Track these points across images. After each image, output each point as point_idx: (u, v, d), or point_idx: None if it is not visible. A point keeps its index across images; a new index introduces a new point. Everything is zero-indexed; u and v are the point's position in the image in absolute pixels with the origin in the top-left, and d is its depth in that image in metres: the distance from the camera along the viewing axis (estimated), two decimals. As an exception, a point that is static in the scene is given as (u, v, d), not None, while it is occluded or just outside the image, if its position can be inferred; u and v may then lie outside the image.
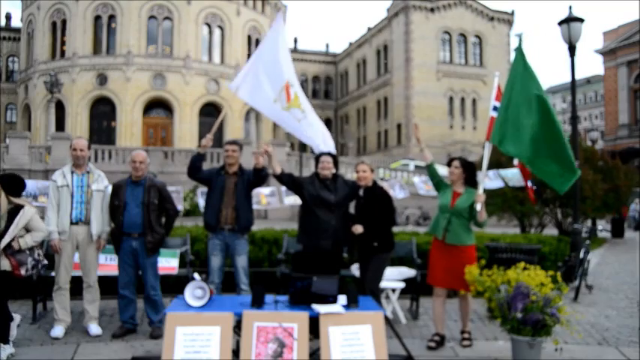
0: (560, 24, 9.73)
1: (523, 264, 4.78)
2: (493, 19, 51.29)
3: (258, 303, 3.96)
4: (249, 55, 39.70)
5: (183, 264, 6.38)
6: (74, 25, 38.37)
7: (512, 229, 13.04)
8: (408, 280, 6.26)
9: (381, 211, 5.11)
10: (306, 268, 4.67)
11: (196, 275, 4.13)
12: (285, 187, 5.61)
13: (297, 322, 3.75)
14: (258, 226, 6.88)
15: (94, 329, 5.21)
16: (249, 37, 41.77)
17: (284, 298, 4.16)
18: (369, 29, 57.22)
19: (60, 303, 5.20)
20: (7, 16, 52.09)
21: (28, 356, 4.59)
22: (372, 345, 3.78)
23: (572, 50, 9.60)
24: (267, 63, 5.86)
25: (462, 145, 45.21)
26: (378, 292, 5.20)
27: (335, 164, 5.31)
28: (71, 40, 38.50)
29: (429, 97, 48.25)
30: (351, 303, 4.02)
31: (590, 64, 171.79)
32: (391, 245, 5.26)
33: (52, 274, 5.39)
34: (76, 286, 5.39)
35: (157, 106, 38.76)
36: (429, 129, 44.60)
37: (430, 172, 5.39)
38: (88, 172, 5.33)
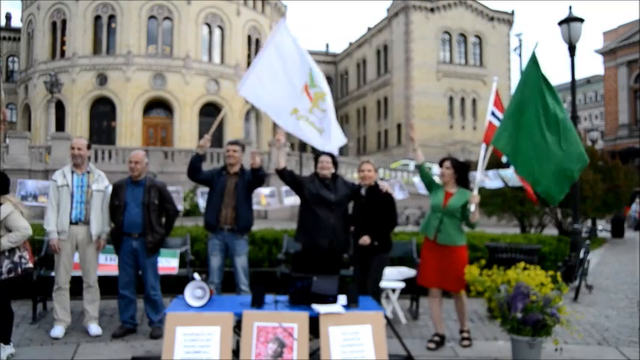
0: (560, 24, 9.74)
1: (523, 264, 4.78)
2: (493, 19, 51.27)
3: (258, 303, 3.96)
4: (249, 56, 39.88)
5: (183, 264, 6.38)
6: (74, 25, 38.35)
7: (512, 229, 13.03)
8: (408, 280, 6.26)
9: (383, 212, 5.12)
10: (306, 268, 4.68)
11: (196, 275, 4.13)
12: (286, 187, 5.61)
13: (297, 322, 3.75)
14: (258, 226, 6.88)
15: (94, 329, 5.21)
16: (249, 37, 41.74)
17: (284, 298, 4.16)
18: (369, 29, 57.18)
19: (60, 303, 5.19)
20: (7, 16, 52.10)
21: (28, 356, 4.59)
22: (372, 345, 3.78)
23: (572, 50, 9.61)
24: (277, 71, 5.53)
25: (461, 145, 45.19)
26: (378, 292, 5.20)
27: (334, 164, 5.33)
28: (71, 40, 38.48)
29: (429, 97, 48.24)
30: (351, 303, 4.02)
31: (590, 64, 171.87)
32: (390, 245, 5.28)
33: (52, 274, 5.39)
34: (76, 286, 5.39)
35: (157, 106, 38.74)
36: (429, 129, 44.60)
37: (421, 173, 5.40)
38: (88, 172, 5.32)
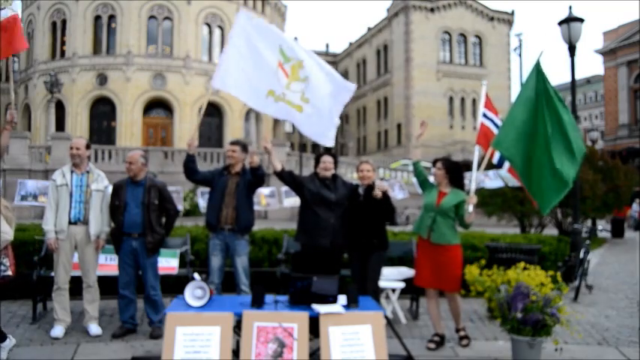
0: (560, 24, 9.74)
1: (523, 264, 4.79)
2: (493, 19, 51.28)
3: (258, 303, 3.95)
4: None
5: (183, 264, 6.38)
6: (74, 25, 38.35)
7: (512, 229, 13.03)
8: (408, 280, 6.25)
9: (381, 209, 5.13)
10: (306, 268, 4.68)
11: (196, 275, 4.12)
12: (285, 188, 5.60)
13: (297, 322, 3.75)
14: (258, 226, 6.87)
15: (94, 329, 5.20)
16: (249, 37, 41.70)
17: (284, 298, 4.15)
18: (369, 29, 57.18)
19: (60, 303, 5.19)
20: (7, 16, 52.04)
21: (28, 356, 4.58)
22: (372, 345, 3.77)
23: (572, 50, 9.61)
24: (245, 58, 5.34)
25: (461, 145, 45.17)
26: (378, 291, 5.21)
27: (335, 164, 5.33)
28: (71, 40, 38.48)
29: (429, 97, 48.24)
30: (351, 303, 4.02)
31: (590, 64, 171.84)
32: (387, 243, 5.30)
33: (52, 274, 5.38)
34: (76, 286, 5.38)
35: (157, 106, 38.74)
36: (429, 129, 44.08)
37: (416, 171, 5.42)
38: (87, 172, 5.32)
